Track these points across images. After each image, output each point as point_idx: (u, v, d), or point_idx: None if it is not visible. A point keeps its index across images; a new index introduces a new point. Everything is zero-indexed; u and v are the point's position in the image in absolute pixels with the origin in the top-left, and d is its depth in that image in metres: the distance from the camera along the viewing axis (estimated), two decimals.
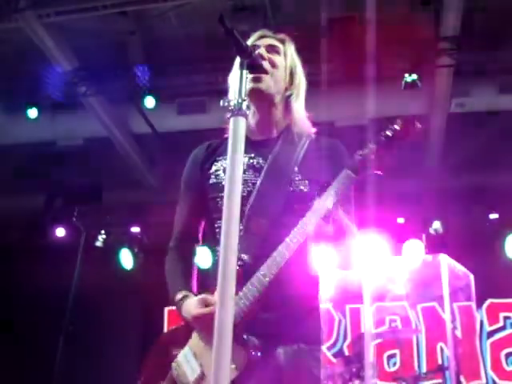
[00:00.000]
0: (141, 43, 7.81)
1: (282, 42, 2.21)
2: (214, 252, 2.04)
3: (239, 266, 1.88)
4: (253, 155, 2.09)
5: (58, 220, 8.45)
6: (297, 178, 2.02)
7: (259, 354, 1.82)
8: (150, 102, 7.10)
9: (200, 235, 2.19)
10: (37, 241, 9.74)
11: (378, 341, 6.77)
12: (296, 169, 2.03)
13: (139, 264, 7.95)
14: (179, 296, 2.06)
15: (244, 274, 1.86)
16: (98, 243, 8.19)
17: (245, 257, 1.91)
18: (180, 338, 2.01)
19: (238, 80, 1.59)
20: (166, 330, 8.71)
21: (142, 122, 7.95)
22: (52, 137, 8.93)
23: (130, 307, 8.86)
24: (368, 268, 6.23)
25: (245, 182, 2.02)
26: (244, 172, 2.04)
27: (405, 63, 6.56)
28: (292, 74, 2.18)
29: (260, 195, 2.00)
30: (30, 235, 9.68)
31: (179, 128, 8.40)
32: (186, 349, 1.95)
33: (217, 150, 2.19)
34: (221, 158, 2.13)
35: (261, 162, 2.08)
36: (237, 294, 1.84)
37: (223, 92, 2.07)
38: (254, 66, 1.71)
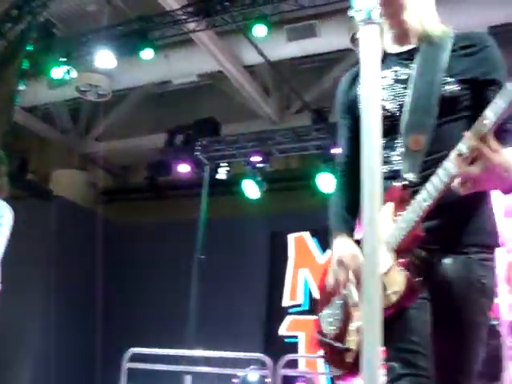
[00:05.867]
0: None
1: None
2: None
3: (405, 186, 1.86)
4: (397, 68, 2.00)
5: (180, 157, 8.70)
6: (447, 81, 1.89)
7: (421, 278, 1.80)
8: (259, 30, 7.02)
9: None
10: (162, 178, 10.14)
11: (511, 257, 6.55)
12: (444, 72, 1.90)
13: (262, 193, 8.10)
14: (334, 234, 2.07)
15: (412, 194, 1.82)
16: (221, 175, 8.39)
17: (410, 176, 1.86)
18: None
19: None
20: (290, 255, 8.94)
21: (253, 52, 7.92)
22: (167, 76, 9.13)
23: (257, 235, 9.11)
24: None
25: (394, 96, 1.96)
26: (391, 87, 1.98)
27: None
28: None
29: (413, 109, 1.91)
30: (154, 174, 10.07)
31: (290, 55, 8.30)
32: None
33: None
34: None
35: (406, 73, 1.97)
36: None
37: (333, 13, 1.96)
38: None
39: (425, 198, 1.77)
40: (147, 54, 7.42)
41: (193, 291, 7.18)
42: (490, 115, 1.61)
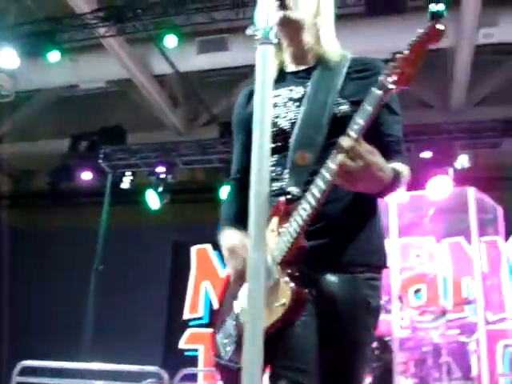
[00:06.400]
0: None
1: None
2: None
3: (288, 200, 1.88)
4: (292, 87, 2.04)
5: (83, 163, 8.51)
6: (339, 102, 1.94)
7: (307, 289, 1.80)
8: (170, 41, 7.00)
9: None
10: (64, 185, 9.87)
11: (404, 275, 6.82)
12: (337, 93, 1.96)
13: (165, 204, 8.05)
14: (222, 229, 2.07)
15: (296, 208, 1.82)
16: (125, 184, 8.26)
17: (293, 190, 1.88)
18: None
19: (263, 7, 1.50)
20: (193, 267, 8.89)
21: (163, 62, 7.87)
22: (74, 80, 8.91)
23: (158, 246, 9.01)
24: (393, 202, 6.22)
25: (287, 114, 1.99)
26: (285, 105, 2.01)
27: None
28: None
29: (303, 126, 1.95)
30: (57, 179, 9.79)
31: (200, 67, 8.32)
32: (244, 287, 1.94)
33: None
34: None
35: (301, 92, 2.01)
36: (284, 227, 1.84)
37: (244, 28, 1.98)
38: None
39: (305, 208, 1.78)
40: (54, 56, 7.24)
41: (90, 301, 7.02)
42: (359, 121, 1.67)
